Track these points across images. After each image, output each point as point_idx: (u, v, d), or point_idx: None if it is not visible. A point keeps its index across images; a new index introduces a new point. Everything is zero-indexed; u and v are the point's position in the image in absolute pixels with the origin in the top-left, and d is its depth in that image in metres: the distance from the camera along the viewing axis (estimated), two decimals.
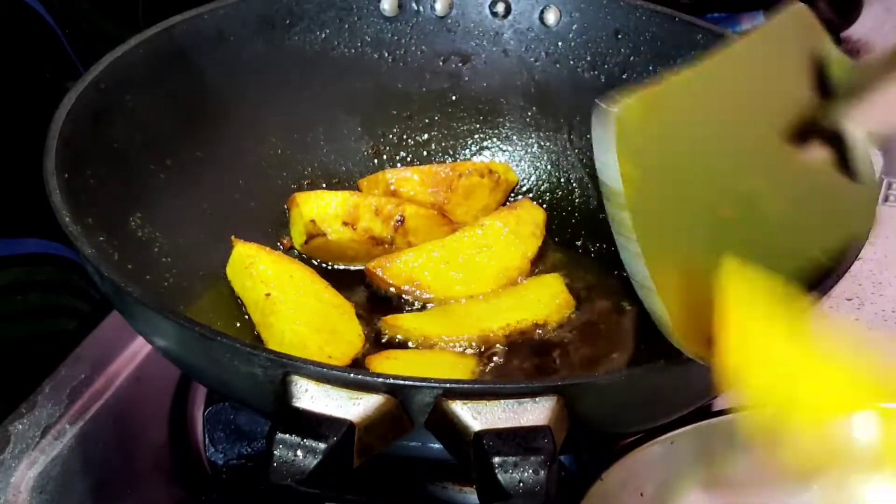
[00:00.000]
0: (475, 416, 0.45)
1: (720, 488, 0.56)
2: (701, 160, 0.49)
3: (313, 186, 0.73)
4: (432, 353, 0.64)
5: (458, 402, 0.45)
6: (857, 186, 0.52)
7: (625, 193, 0.46)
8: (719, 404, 0.63)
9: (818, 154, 0.53)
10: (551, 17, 0.74)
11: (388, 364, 0.61)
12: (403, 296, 0.68)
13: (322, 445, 0.43)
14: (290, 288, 0.64)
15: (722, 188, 0.50)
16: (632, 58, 0.73)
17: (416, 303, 0.68)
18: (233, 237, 0.67)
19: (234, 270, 0.66)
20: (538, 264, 0.71)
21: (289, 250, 0.70)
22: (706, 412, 0.57)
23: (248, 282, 0.65)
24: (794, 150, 0.52)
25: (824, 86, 0.53)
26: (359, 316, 0.65)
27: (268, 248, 0.67)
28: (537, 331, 0.65)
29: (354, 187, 0.74)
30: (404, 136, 0.76)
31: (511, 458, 0.43)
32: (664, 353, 0.47)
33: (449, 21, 0.75)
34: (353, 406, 0.45)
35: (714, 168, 0.49)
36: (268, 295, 0.63)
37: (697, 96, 0.50)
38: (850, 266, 0.53)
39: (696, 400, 0.54)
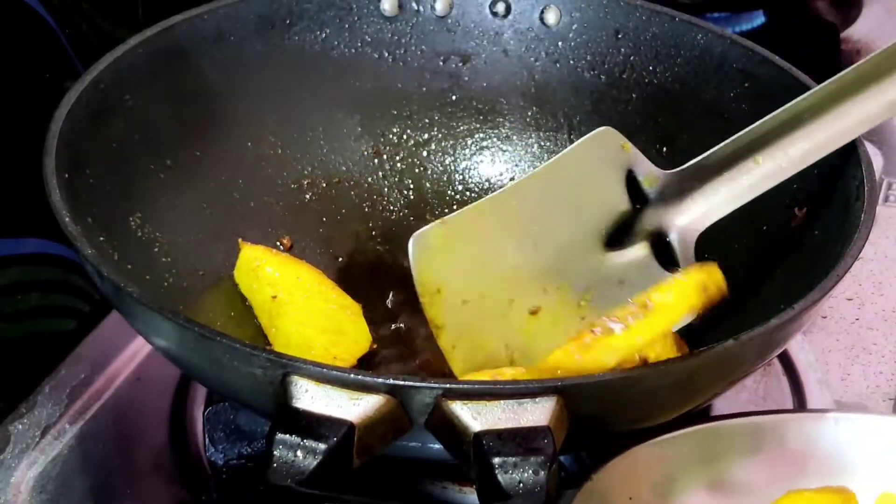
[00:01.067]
0: (475, 416, 0.45)
1: (712, 493, 0.55)
2: (505, 268, 0.60)
3: (313, 186, 0.73)
4: None
5: (458, 402, 0.45)
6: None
7: (422, 300, 0.61)
8: (717, 407, 0.63)
9: (637, 251, 0.62)
10: (551, 17, 0.74)
11: None
12: None
13: (322, 446, 0.43)
14: (297, 290, 0.64)
15: (527, 289, 0.61)
16: (632, 58, 0.73)
17: None
18: (239, 240, 0.67)
19: (241, 273, 0.66)
20: None
21: (289, 249, 0.70)
22: (702, 415, 0.57)
23: (255, 284, 0.65)
24: (612, 251, 0.62)
25: (639, 194, 0.61)
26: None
27: (275, 251, 0.68)
28: None
29: (354, 186, 0.74)
30: (404, 136, 0.76)
31: (511, 459, 0.43)
32: None
33: (449, 21, 0.75)
34: (353, 406, 0.45)
35: (518, 273, 0.60)
36: (274, 297, 0.63)
37: (499, 216, 0.61)
38: (851, 266, 0.53)
39: (696, 399, 0.54)
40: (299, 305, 0.63)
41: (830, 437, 0.57)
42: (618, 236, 0.63)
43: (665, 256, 0.63)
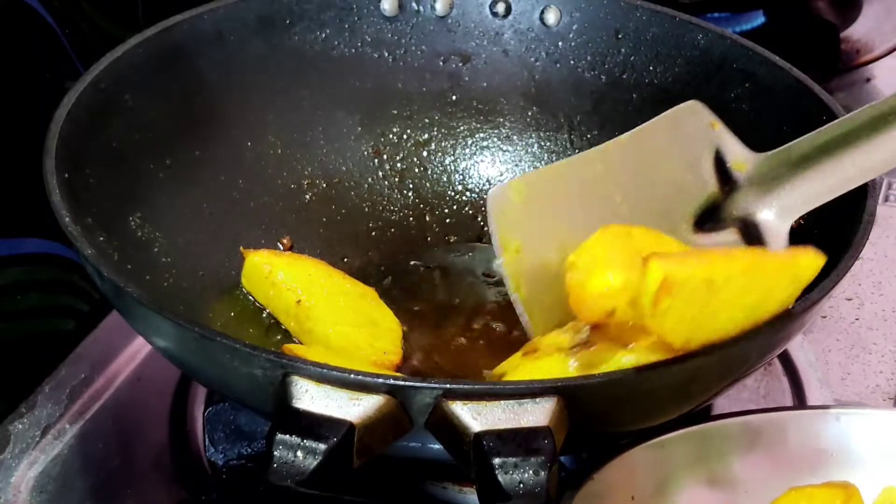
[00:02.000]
0: (475, 416, 0.45)
1: (714, 492, 0.55)
2: (586, 232, 0.53)
3: (313, 186, 0.73)
4: None
5: (458, 402, 0.45)
6: None
7: (502, 260, 0.59)
8: (718, 406, 0.63)
9: (727, 237, 0.58)
10: (551, 17, 0.74)
11: None
12: None
13: (322, 446, 0.43)
14: (315, 288, 0.64)
15: None
16: (632, 58, 0.73)
17: None
18: (241, 248, 0.67)
19: (251, 281, 0.66)
20: None
21: (289, 250, 0.70)
22: (702, 415, 0.57)
23: (272, 290, 0.65)
24: (701, 233, 0.59)
25: (727, 176, 0.58)
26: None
27: (276, 252, 0.68)
28: None
29: (354, 187, 0.74)
30: (404, 136, 0.76)
31: (511, 459, 0.43)
32: None
33: (449, 21, 0.75)
34: (353, 406, 0.45)
35: None
36: (298, 302, 0.63)
37: (581, 178, 0.59)
38: (851, 266, 0.53)
39: (697, 399, 0.54)
40: (325, 305, 0.63)
41: (832, 434, 0.57)
42: (707, 218, 0.60)
43: (757, 245, 0.59)
